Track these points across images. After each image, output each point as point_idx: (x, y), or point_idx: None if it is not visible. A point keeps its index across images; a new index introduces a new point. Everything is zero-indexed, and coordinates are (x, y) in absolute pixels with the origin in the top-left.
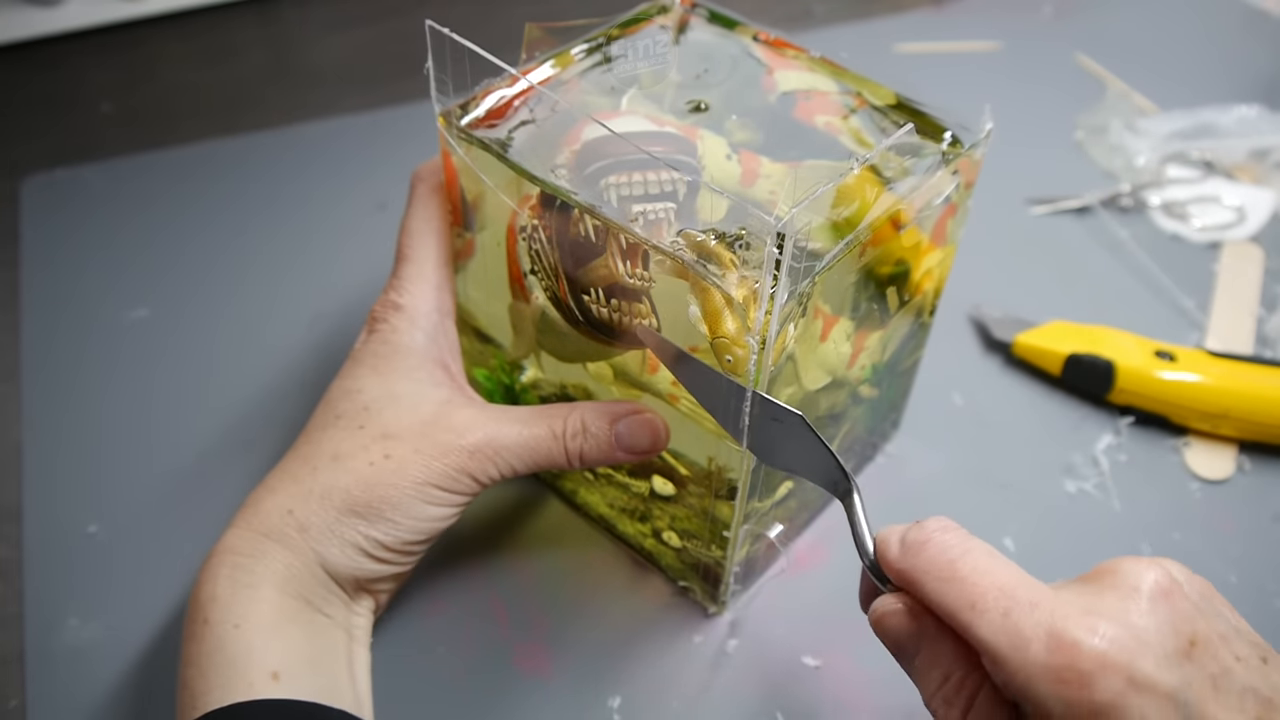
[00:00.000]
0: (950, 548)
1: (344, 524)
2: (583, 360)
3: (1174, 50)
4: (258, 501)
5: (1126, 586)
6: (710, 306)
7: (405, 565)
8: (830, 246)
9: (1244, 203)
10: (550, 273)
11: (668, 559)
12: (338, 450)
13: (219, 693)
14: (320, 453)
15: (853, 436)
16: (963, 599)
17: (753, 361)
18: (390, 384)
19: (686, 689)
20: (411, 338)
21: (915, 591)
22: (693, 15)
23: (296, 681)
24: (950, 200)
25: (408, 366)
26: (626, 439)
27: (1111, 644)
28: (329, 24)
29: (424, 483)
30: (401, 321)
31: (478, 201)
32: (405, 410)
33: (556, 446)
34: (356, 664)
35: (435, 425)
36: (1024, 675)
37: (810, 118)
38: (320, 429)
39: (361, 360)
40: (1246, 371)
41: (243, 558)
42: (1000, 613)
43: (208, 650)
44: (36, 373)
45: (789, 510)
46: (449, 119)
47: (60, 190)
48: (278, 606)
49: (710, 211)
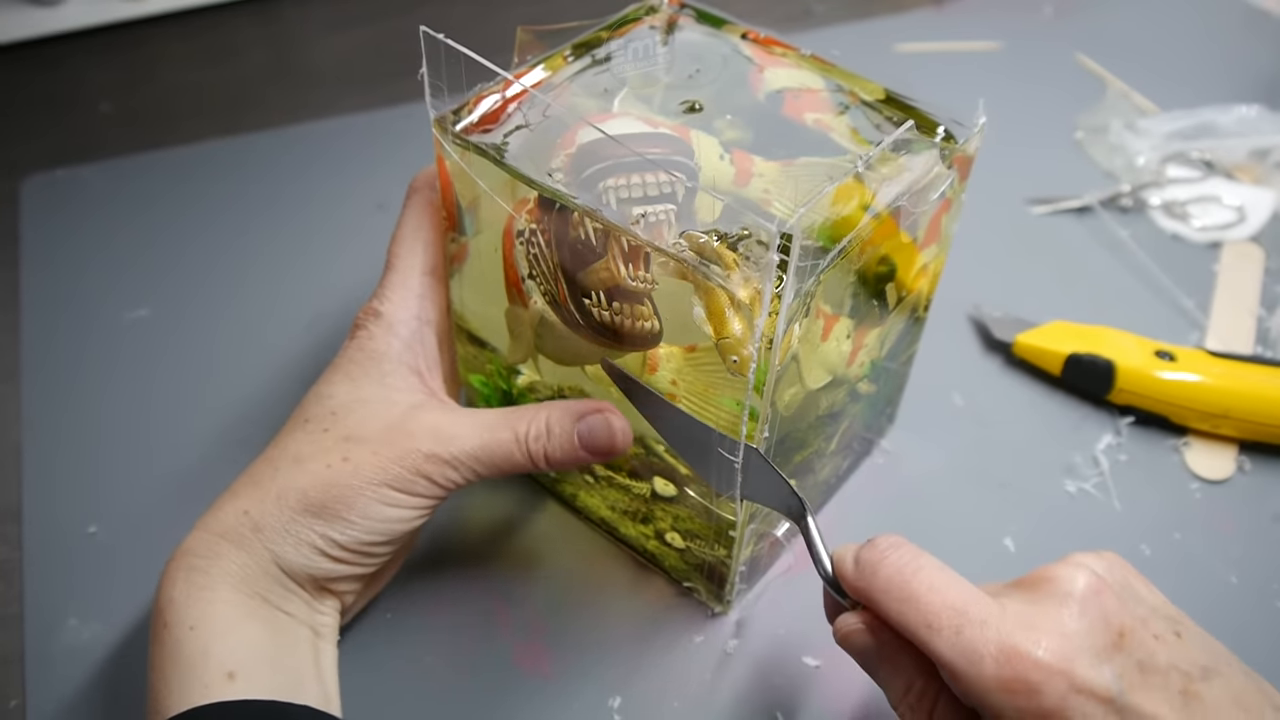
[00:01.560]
0: (903, 567)
1: (299, 523)
2: (582, 363)
3: (1174, 50)
4: (218, 504)
5: (1060, 594)
6: (715, 307)
7: (366, 566)
8: (829, 245)
9: (1244, 203)
10: (549, 277)
11: (671, 560)
12: (299, 453)
13: (177, 696)
14: (284, 455)
15: (851, 433)
16: (919, 618)
17: (752, 368)
18: (360, 389)
19: (687, 689)
20: (388, 344)
21: (874, 609)
22: (681, 15)
23: (255, 680)
24: (945, 196)
25: (381, 372)
26: (587, 438)
27: (1052, 654)
28: (329, 24)
29: (379, 484)
30: (379, 328)
31: (472, 206)
32: (371, 415)
33: (518, 449)
34: (323, 660)
35: (397, 429)
36: (979, 688)
37: (799, 115)
38: (288, 433)
39: (337, 366)
40: (1246, 371)
41: (199, 559)
42: (954, 630)
43: (167, 653)
44: (36, 373)
45: None
46: (443, 124)
47: (60, 190)
48: (234, 605)
49: (709, 212)
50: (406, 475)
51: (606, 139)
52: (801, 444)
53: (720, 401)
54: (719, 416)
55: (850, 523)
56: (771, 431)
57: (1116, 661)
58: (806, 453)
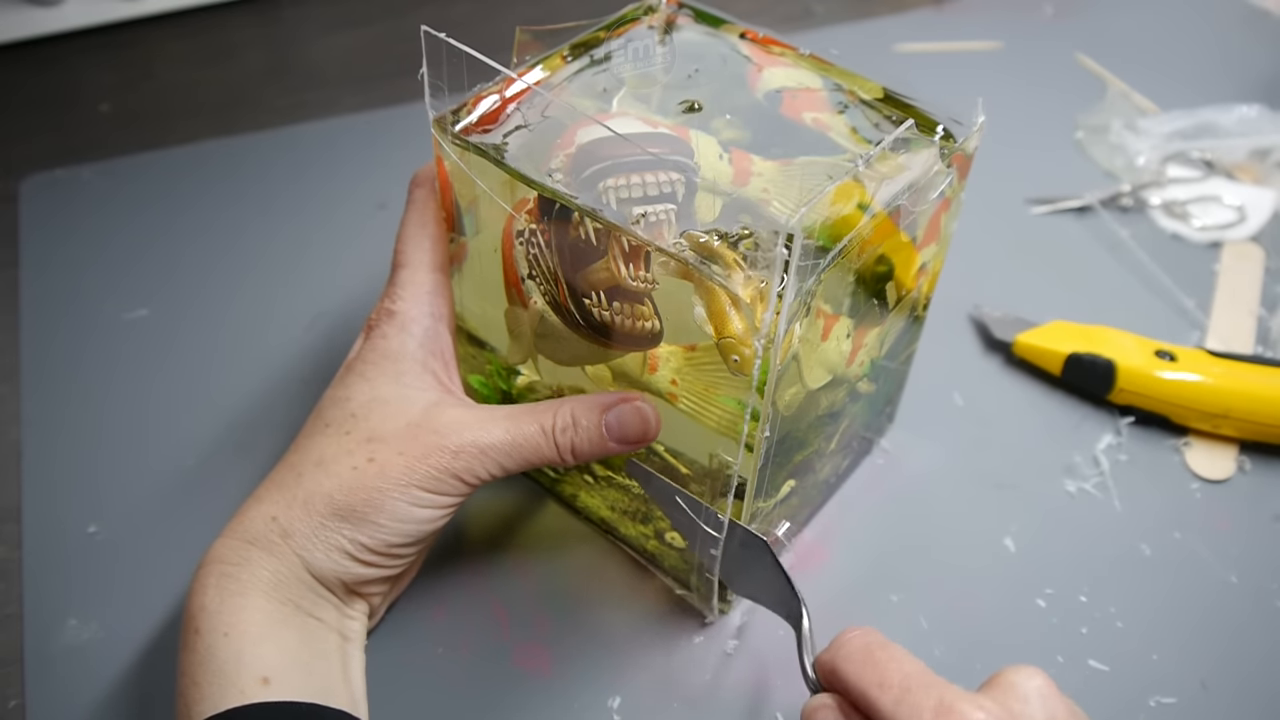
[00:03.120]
0: (871, 643)
1: (327, 528)
2: (581, 364)
3: (1174, 50)
4: (245, 511)
5: (1015, 689)
6: (716, 307)
7: (394, 568)
8: (829, 245)
9: (1244, 202)
10: (549, 277)
11: (671, 560)
12: (323, 456)
13: (211, 701)
14: (306, 460)
15: (851, 432)
16: (873, 678)
17: (757, 365)
18: (378, 389)
19: (686, 689)
20: (402, 343)
21: (837, 682)
22: (679, 15)
23: (288, 685)
24: (945, 195)
25: (397, 371)
26: (616, 429)
27: (991, 715)
28: (328, 23)
29: (408, 485)
30: (393, 327)
31: (471, 206)
32: (391, 414)
33: (546, 442)
34: (351, 665)
35: (420, 428)
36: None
37: (797, 114)
38: (308, 436)
39: (352, 368)
40: (1247, 371)
41: (230, 566)
42: (902, 690)
43: (199, 659)
44: (36, 373)
45: (791, 508)
46: (443, 124)
47: (59, 190)
48: (267, 613)
49: (710, 212)
50: (434, 474)
51: (605, 139)
52: (802, 444)
53: (720, 401)
54: (720, 416)
55: (850, 523)
56: (773, 431)
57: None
58: (807, 452)
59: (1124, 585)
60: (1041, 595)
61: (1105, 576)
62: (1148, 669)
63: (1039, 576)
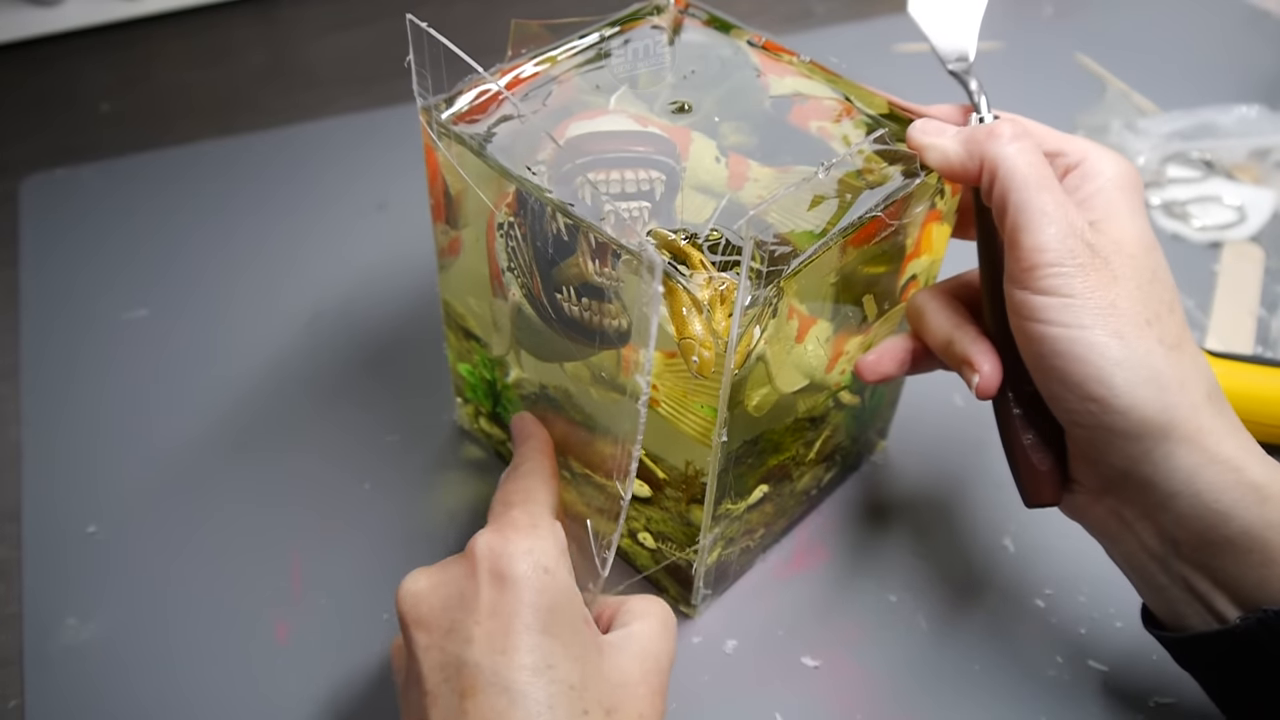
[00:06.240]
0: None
1: None
2: (559, 360)
3: (1174, 50)
4: None
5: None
6: (676, 307)
7: None
8: (803, 249)
9: (1244, 203)
10: (525, 270)
11: (642, 559)
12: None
13: None
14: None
15: (833, 443)
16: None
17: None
18: (571, 650)
19: (686, 689)
20: (568, 598)
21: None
22: (688, 17)
23: None
24: (935, 207)
25: (574, 628)
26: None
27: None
28: (327, 24)
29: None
30: (549, 580)
31: (461, 198)
32: (599, 676)
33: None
34: None
35: (630, 688)
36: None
37: (805, 123)
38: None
39: (530, 627)
40: (1246, 371)
41: None
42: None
43: None
44: (36, 373)
45: (766, 515)
46: (430, 114)
47: (59, 190)
48: None
49: (692, 213)
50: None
51: (590, 134)
52: (776, 447)
53: (695, 408)
54: (694, 422)
55: (848, 523)
56: (730, 435)
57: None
58: (782, 457)
59: (1124, 585)
60: (1041, 595)
61: (1105, 576)
62: (1148, 669)
63: (1039, 576)
